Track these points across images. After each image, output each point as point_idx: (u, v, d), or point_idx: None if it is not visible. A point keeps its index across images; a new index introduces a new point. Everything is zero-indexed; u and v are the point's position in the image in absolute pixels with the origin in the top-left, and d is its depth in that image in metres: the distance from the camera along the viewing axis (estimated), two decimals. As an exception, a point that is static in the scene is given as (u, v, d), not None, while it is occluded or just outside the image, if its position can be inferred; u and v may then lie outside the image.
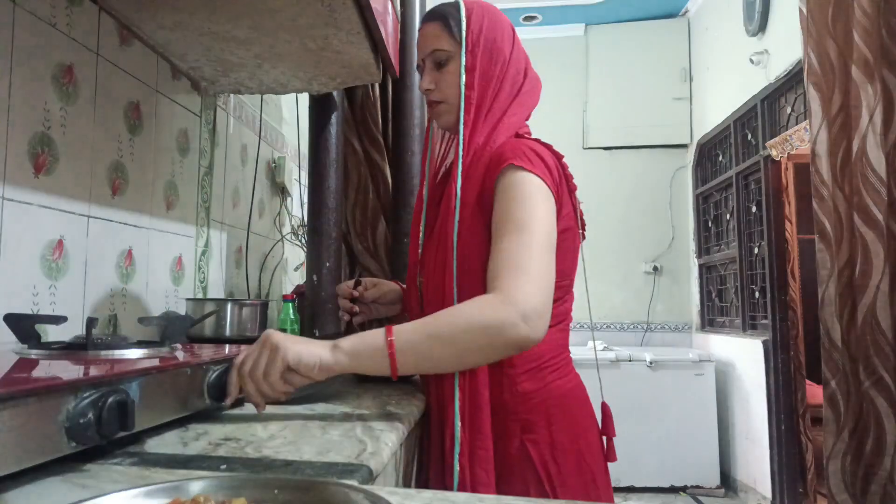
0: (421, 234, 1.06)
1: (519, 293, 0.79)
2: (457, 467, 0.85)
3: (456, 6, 1.01)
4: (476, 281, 0.88)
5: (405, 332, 0.78)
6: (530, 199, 0.87)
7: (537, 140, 0.98)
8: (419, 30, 1.06)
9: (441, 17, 1.01)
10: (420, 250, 1.05)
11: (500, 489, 0.87)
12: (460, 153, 0.95)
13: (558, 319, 0.96)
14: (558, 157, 0.97)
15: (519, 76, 1.02)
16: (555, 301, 0.88)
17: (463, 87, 0.97)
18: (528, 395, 0.91)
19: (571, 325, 1.00)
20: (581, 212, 1.01)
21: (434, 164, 1.10)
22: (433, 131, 1.11)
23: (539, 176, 0.89)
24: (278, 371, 0.73)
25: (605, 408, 1.03)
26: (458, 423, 0.86)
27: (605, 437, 0.99)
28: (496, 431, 0.88)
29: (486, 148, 0.95)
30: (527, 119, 1.04)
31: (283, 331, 1.69)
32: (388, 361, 0.76)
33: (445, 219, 0.95)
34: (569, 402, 0.95)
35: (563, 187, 0.94)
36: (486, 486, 0.85)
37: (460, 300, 0.87)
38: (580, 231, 0.99)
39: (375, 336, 0.78)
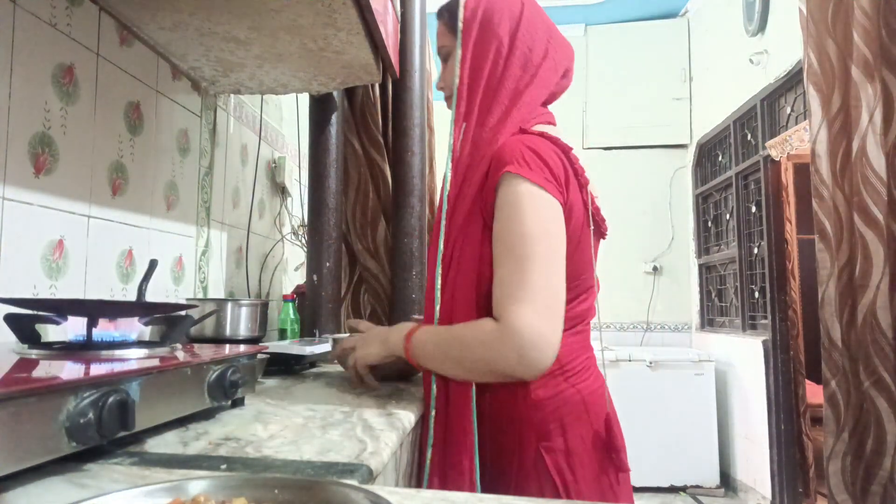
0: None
1: (518, 324, 0.79)
2: (479, 481, 0.85)
3: (446, 8, 1.02)
4: (467, 283, 0.88)
5: (420, 343, 0.90)
6: (527, 216, 0.83)
7: (542, 133, 0.91)
8: None
9: (443, 14, 1.02)
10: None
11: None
12: (448, 150, 0.93)
13: (573, 323, 0.92)
14: (565, 150, 0.91)
15: (532, 56, 0.95)
16: (567, 304, 0.86)
17: (456, 80, 0.95)
18: (543, 403, 0.88)
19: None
20: (597, 207, 0.97)
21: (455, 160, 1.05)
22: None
23: (538, 184, 0.84)
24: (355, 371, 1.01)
25: (607, 419, 0.92)
26: (476, 437, 0.86)
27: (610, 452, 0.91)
28: (513, 441, 0.87)
29: (494, 142, 0.90)
30: (550, 101, 1.01)
31: (284, 331, 1.70)
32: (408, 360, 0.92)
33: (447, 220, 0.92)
34: (586, 408, 0.90)
35: (570, 184, 0.89)
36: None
37: (454, 302, 0.89)
38: (591, 227, 0.94)
39: (398, 341, 0.93)
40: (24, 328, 0.76)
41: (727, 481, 3.77)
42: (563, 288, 0.84)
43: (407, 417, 0.84)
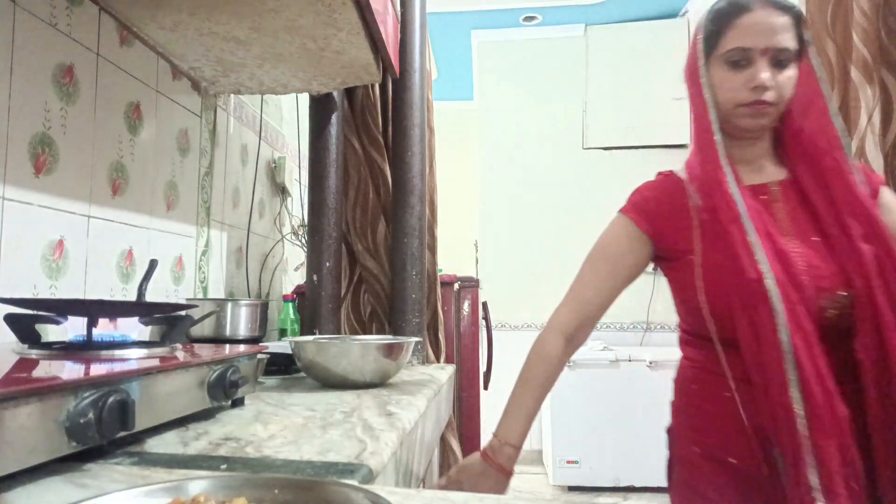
0: (758, 242, 0.88)
1: None
2: None
3: (798, 8, 0.92)
4: None
5: None
6: None
7: None
8: (754, 12, 0.90)
9: (795, 15, 0.91)
10: (771, 262, 0.87)
11: None
12: (853, 161, 0.92)
13: None
14: None
15: None
16: None
17: (830, 99, 0.94)
18: None
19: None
20: None
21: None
22: (716, 129, 0.95)
23: None
24: None
25: None
26: None
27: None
28: None
29: None
30: None
31: (284, 331, 1.69)
32: None
33: (874, 219, 0.88)
34: None
35: None
36: None
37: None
38: None
39: None
40: (24, 328, 0.76)
41: (727, 481, 3.76)
42: None
43: (407, 417, 0.84)
